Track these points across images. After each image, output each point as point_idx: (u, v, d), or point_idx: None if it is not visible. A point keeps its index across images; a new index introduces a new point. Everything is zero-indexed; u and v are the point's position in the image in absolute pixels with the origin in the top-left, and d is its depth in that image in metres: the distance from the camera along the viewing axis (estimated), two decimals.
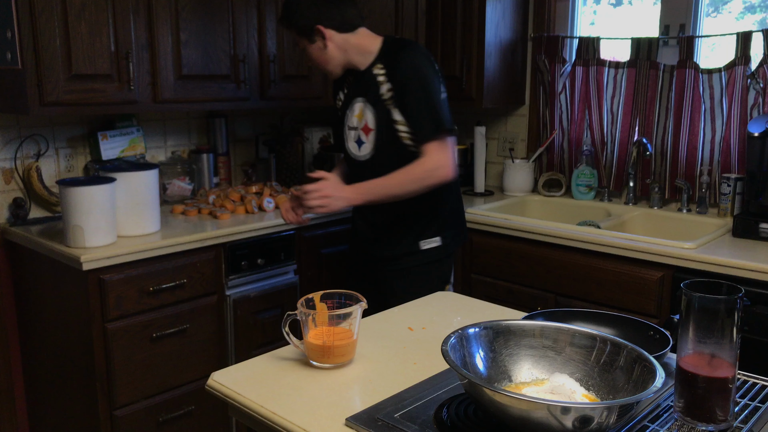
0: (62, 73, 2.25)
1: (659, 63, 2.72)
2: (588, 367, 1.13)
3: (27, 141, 2.54)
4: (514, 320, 1.23)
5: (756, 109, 2.52)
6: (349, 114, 2.12)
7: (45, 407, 2.54)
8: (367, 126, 2.07)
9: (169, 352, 2.34)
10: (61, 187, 2.16)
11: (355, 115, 2.10)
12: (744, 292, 1.01)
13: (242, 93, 2.75)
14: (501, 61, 3.04)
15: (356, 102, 2.09)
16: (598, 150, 2.95)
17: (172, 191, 2.80)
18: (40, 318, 2.43)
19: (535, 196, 3.11)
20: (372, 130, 2.07)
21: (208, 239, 2.40)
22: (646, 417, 1.09)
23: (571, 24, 3.10)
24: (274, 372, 1.29)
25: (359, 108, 2.08)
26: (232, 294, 2.51)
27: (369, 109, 2.06)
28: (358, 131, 2.10)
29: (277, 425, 1.12)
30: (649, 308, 2.25)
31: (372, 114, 2.05)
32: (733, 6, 2.74)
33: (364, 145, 2.10)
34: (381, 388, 1.21)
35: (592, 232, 2.43)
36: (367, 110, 2.06)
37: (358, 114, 2.09)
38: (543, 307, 2.45)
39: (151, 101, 2.50)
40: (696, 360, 1.02)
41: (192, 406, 2.43)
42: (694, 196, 2.71)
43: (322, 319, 1.31)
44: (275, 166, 3.15)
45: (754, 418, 1.08)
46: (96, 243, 2.17)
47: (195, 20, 2.56)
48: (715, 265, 2.11)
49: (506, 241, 2.61)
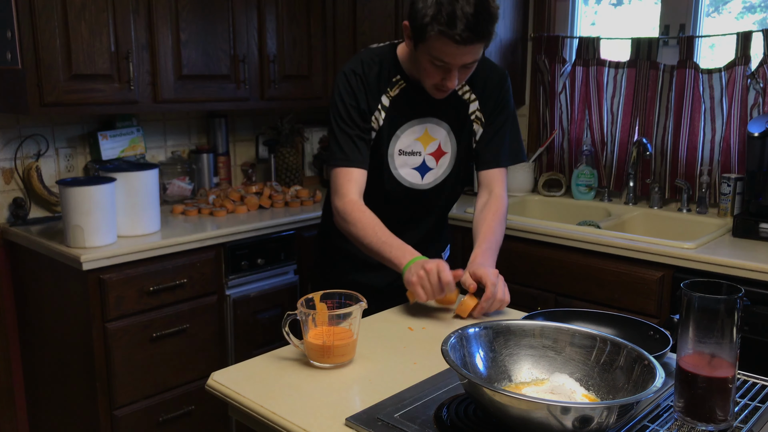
0: (62, 73, 2.25)
1: (659, 63, 2.72)
2: (588, 367, 1.13)
3: (27, 141, 2.54)
4: (514, 320, 1.23)
5: (756, 109, 2.52)
6: (400, 136, 1.75)
7: (45, 407, 2.54)
8: (441, 149, 1.78)
9: (169, 352, 2.34)
10: (61, 187, 2.16)
11: (417, 138, 1.75)
12: (744, 292, 1.01)
13: (242, 93, 2.75)
14: (501, 61, 3.04)
15: (422, 123, 1.75)
16: (598, 150, 2.95)
17: (172, 191, 2.80)
18: (40, 318, 2.43)
19: (535, 196, 3.11)
20: (446, 153, 1.79)
21: (208, 239, 2.40)
22: (646, 417, 1.09)
23: (571, 24, 3.10)
24: (274, 372, 1.29)
25: (426, 129, 1.76)
26: (232, 294, 2.51)
27: (447, 130, 1.77)
28: (423, 156, 1.77)
29: (277, 425, 1.12)
30: (649, 308, 2.25)
31: (451, 135, 1.78)
32: (733, 6, 2.74)
33: (431, 171, 1.79)
34: (381, 388, 1.21)
35: (592, 232, 2.43)
36: (442, 131, 1.77)
37: (421, 137, 1.76)
38: (543, 307, 2.45)
39: (151, 101, 2.50)
40: (696, 360, 1.02)
41: (192, 406, 2.43)
42: (694, 196, 2.71)
43: (322, 319, 1.31)
44: (275, 166, 3.15)
45: (754, 418, 1.08)
46: (96, 243, 2.17)
47: (195, 20, 2.56)
48: (715, 265, 2.11)
49: (506, 241, 2.58)
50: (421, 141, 1.76)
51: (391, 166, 1.76)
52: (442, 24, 1.49)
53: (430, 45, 1.53)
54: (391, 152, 1.75)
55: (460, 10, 1.47)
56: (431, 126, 1.76)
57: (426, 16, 1.50)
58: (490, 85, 1.77)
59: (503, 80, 1.80)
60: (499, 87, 1.78)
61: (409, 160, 1.77)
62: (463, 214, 2.71)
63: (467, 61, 1.56)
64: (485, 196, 1.81)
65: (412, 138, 1.75)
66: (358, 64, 1.72)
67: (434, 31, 1.50)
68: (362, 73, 1.70)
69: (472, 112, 1.77)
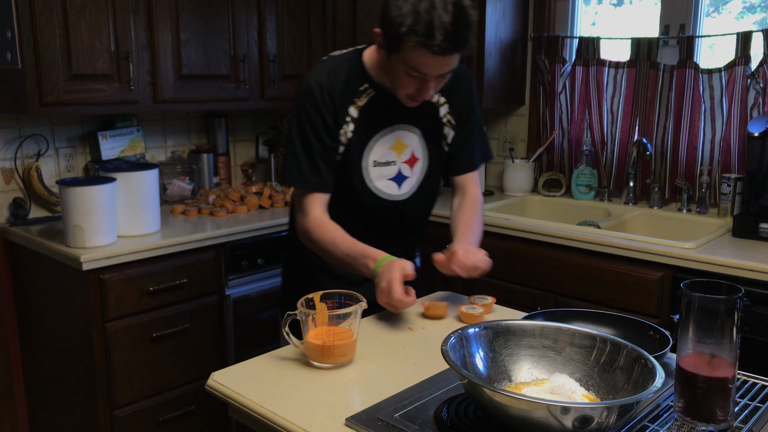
0: (62, 73, 2.25)
1: (659, 63, 2.72)
2: (588, 367, 1.13)
3: (27, 141, 2.54)
4: (514, 320, 1.23)
5: (756, 109, 2.52)
6: (374, 147, 1.66)
7: (45, 407, 2.54)
8: (414, 156, 1.71)
9: (169, 352, 2.34)
10: (61, 187, 2.16)
11: (390, 147, 1.67)
12: (744, 292, 1.01)
13: (242, 93, 2.75)
14: (501, 61, 3.04)
15: (393, 131, 1.67)
16: (598, 150, 2.95)
17: (172, 191, 2.80)
18: (40, 318, 2.43)
19: (535, 196, 3.11)
20: (419, 159, 1.72)
21: (208, 239, 2.40)
22: (646, 417, 1.09)
23: (571, 24, 3.10)
24: (274, 372, 1.29)
25: (398, 137, 1.68)
26: (233, 294, 2.51)
27: (418, 136, 1.70)
28: (398, 165, 1.69)
29: (277, 425, 1.12)
30: (649, 308, 2.25)
31: (422, 141, 1.71)
32: (733, 6, 2.74)
33: (407, 180, 1.71)
34: (381, 388, 1.21)
35: (592, 232, 2.43)
36: (414, 137, 1.69)
37: (394, 145, 1.68)
38: (543, 307, 2.45)
39: (151, 101, 2.50)
40: (696, 360, 1.02)
41: (192, 406, 2.43)
42: (694, 196, 2.71)
43: (322, 319, 1.31)
44: (275, 166, 3.15)
45: (754, 418, 1.08)
46: (96, 243, 2.17)
47: (195, 20, 2.56)
48: (715, 265, 2.11)
49: (506, 241, 2.60)
50: (394, 150, 1.69)
51: (366, 179, 1.67)
52: (419, 35, 1.41)
53: (406, 55, 1.46)
54: (365, 165, 1.66)
55: (438, 20, 1.40)
56: (402, 133, 1.68)
57: (402, 25, 1.42)
58: (457, 87, 1.72)
59: (470, 81, 1.77)
60: (466, 88, 1.74)
61: (385, 170, 1.68)
62: None
63: (444, 71, 1.51)
64: (460, 197, 1.79)
65: (386, 147, 1.67)
66: (322, 74, 1.61)
67: (411, 42, 1.42)
68: (328, 84, 1.60)
69: (443, 115, 1.72)
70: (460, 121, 1.73)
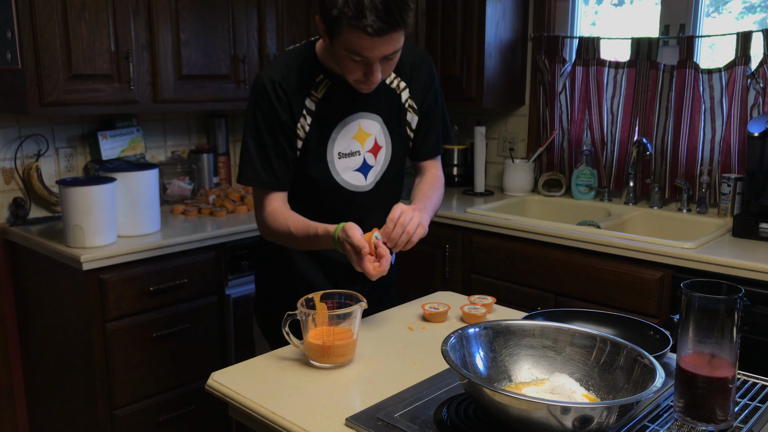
0: (62, 73, 2.25)
1: (659, 63, 2.72)
2: (588, 367, 1.13)
3: (27, 141, 2.54)
4: (514, 320, 1.23)
5: (756, 109, 2.52)
6: (336, 139, 1.62)
7: (45, 407, 2.54)
8: (377, 144, 1.67)
9: (169, 352, 2.34)
10: (61, 187, 2.16)
11: (353, 137, 1.63)
12: (744, 292, 1.01)
13: (242, 93, 2.75)
14: (501, 61, 3.04)
15: (354, 120, 1.63)
16: (598, 150, 2.95)
17: (172, 191, 2.80)
18: (40, 318, 2.43)
19: (535, 196, 3.11)
20: (382, 147, 1.68)
21: (208, 239, 2.40)
22: (646, 417, 1.09)
23: (571, 24, 3.10)
24: (274, 372, 1.29)
25: (360, 125, 1.64)
26: (233, 294, 2.51)
27: (380, 123, 1.66)
28: (362, 155, 1.65)
29: (277, 425, 1.12)
30: (649, 308, 2.25)
31: (384, 128, 1.67)
32: (733, 6, 2.74)
33: (372, 169, 1.68)
34: (381, 388, 1.21)
35: (592, 232, 2.43)
36: (375, 125, 1.66)
37: (357, 134, 1.64)
38: (543, 307, 2.45)
39: (151, 101, 2.50)
40: (696, 360, 1.02)
41: (192, 406, 2.43)
42: (694, 196, 2.71)
43: (322, 319, 1.31)
44: None
45: (754, 418, 1.08)
46: (96, 243, 2.17)
47: (195, 20, 2.56)
48: (715, 265, 2.11)
49: (506, 241, 2.60)
50: (357, 139, 1.64)
51: (332, 172, 1.63)
52: (350, 17, 1.36)
53: (344, 39, 1.42)
54: (330, 158, 1.62)
55: (368, 0, 1.35)
56: (364, 121, 1.64)
57: (334, 8, 1.38)
58: (417, 71, 1.69)
59: (429, 63, 1.72)
60: (426, 71, 1.71)
61: (350, 162, 1.65)
62: (463, 214, 2.71)
63: (387, 52, 1.44)
64: (421, 176, 1.78)
65: (348, 137, 1.63)
66: (275, 70, 1.58)
67: (344, 25, 1.38)
68: (280, 78, 1.56)
69: (405, 100, 1.68)
70: (423, 105, 1.71)
